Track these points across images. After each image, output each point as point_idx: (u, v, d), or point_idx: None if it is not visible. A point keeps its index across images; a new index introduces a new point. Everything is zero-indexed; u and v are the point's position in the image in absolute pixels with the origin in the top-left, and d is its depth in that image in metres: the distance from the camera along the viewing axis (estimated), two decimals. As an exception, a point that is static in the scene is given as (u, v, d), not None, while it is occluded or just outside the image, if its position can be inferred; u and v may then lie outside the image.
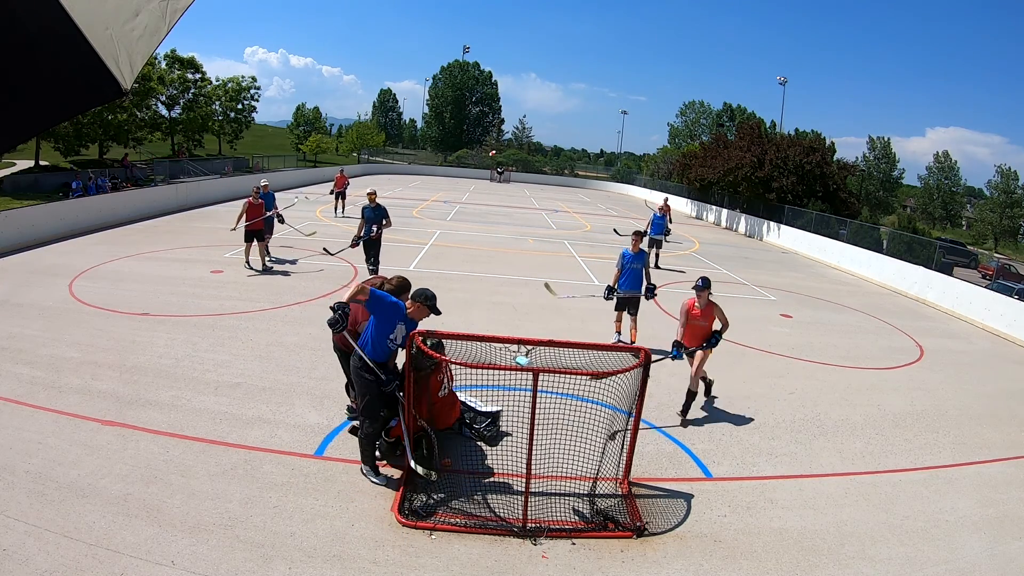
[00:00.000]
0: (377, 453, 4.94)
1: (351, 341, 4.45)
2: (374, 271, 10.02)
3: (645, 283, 7.88)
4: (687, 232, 23.74)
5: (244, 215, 10.65)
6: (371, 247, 10.30)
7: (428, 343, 4.46)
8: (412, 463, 4.41)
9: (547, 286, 8.65)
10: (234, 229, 10.81)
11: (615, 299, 8.03)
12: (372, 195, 10.22)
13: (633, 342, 7.67)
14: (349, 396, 5.61)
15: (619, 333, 8.26)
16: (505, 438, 5.40)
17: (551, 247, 16.81)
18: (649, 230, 14.86)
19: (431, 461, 4.76)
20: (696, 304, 6.21)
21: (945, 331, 11.78)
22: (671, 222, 19.71)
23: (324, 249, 10.69)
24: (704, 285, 6.19)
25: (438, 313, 4.67)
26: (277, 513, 4.15)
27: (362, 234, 9.98)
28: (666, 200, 18.14)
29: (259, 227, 10.83)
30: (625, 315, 8.12)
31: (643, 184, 47.02)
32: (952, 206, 54.68)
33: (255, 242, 10.90)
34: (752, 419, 6.44)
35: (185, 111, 36.74)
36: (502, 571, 3.81)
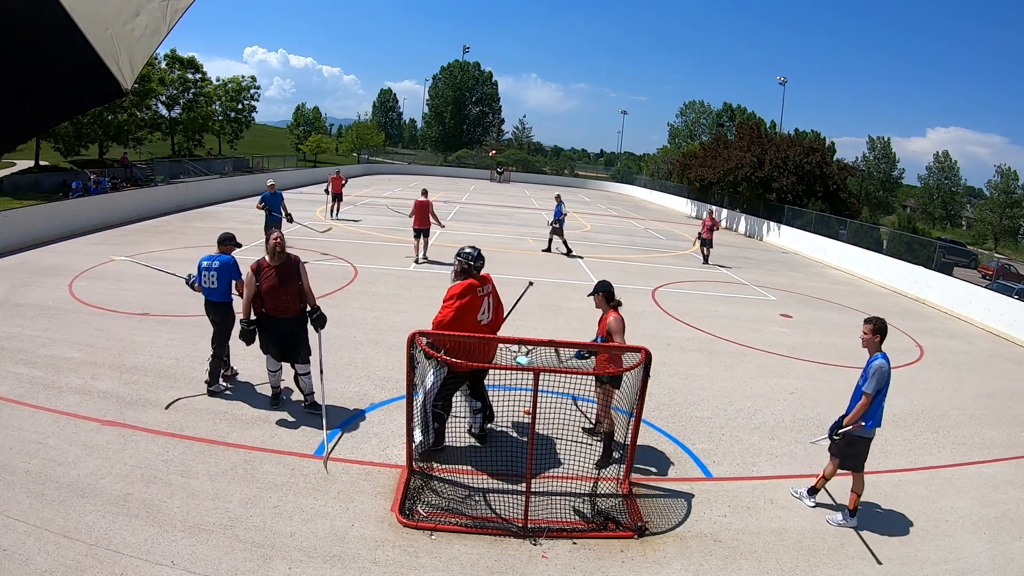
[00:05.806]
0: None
1: None
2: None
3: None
4: (686, 232, 23.72)
5: (416, 214, 12.54)
6: None
7: (465, 251, 5.01)
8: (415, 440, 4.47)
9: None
10: (409, 215, 12.99)
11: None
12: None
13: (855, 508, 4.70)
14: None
15: (854, 512, 4.66)
16: (505, 438, 5.39)
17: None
18: (553, 218, 15.53)
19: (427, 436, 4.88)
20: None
21: (945, 331, 11.78)
22: (716, 231, 17.20)
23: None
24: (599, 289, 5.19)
25: None
26: (277, 513, 4.15)
27: None
28: (710, 213, 17.06)
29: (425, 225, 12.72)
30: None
31: (643, 184, 47.07)
32: (952, 206, 54.76)
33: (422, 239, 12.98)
34: (752, 419, 6.43)
35: (185, 111, 36.76)
36: (502, 571, 3.81)
